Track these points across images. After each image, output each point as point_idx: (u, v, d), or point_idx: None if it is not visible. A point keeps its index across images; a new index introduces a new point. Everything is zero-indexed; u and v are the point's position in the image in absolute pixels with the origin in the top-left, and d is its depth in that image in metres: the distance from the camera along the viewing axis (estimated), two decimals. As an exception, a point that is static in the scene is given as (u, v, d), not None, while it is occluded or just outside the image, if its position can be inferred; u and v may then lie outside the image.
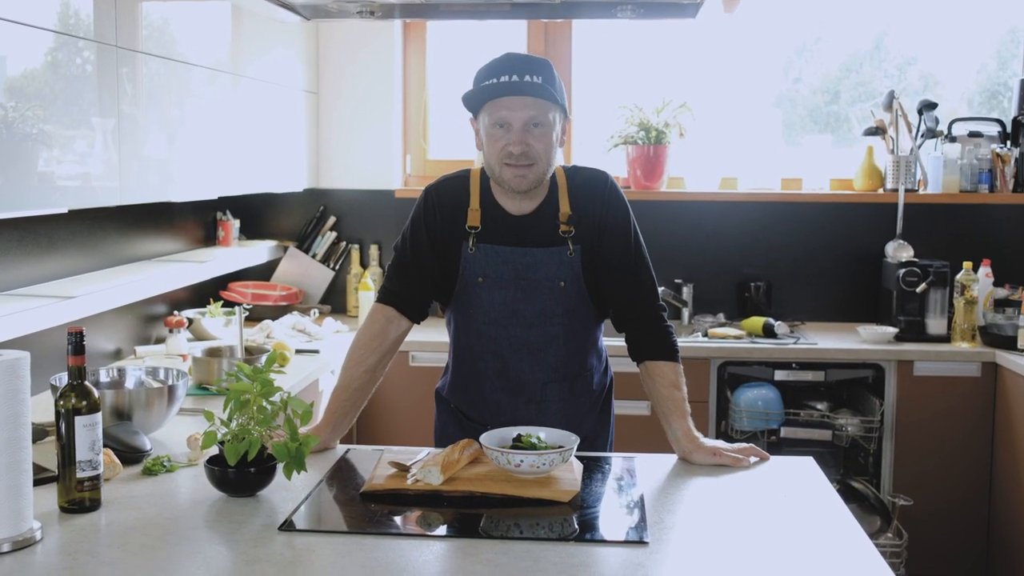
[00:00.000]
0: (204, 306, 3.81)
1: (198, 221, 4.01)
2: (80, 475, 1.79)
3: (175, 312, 3.58)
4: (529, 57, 2.19)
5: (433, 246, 2.29)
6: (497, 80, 2.13)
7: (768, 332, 3.86)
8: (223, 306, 3.83)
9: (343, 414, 2.26)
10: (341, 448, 2.25)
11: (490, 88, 2.14)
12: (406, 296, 2.31)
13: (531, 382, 2.30)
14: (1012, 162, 4.15)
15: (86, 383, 1.81)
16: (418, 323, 2.35)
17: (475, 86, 2.18)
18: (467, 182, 2.31)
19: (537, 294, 2.25)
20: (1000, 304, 3.83)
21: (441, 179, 2.36)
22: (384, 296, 2.33)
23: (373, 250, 4.35)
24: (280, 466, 1.90)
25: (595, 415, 2.41)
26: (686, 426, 2.19)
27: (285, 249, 4.38)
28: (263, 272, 4.34)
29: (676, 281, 4.23)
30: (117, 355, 3.31)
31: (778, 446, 3.73)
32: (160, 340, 3.55)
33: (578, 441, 2.01)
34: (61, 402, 1.79)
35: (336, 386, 2.29)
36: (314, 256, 4.37)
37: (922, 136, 4.14)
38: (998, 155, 4.15)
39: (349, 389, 2.26)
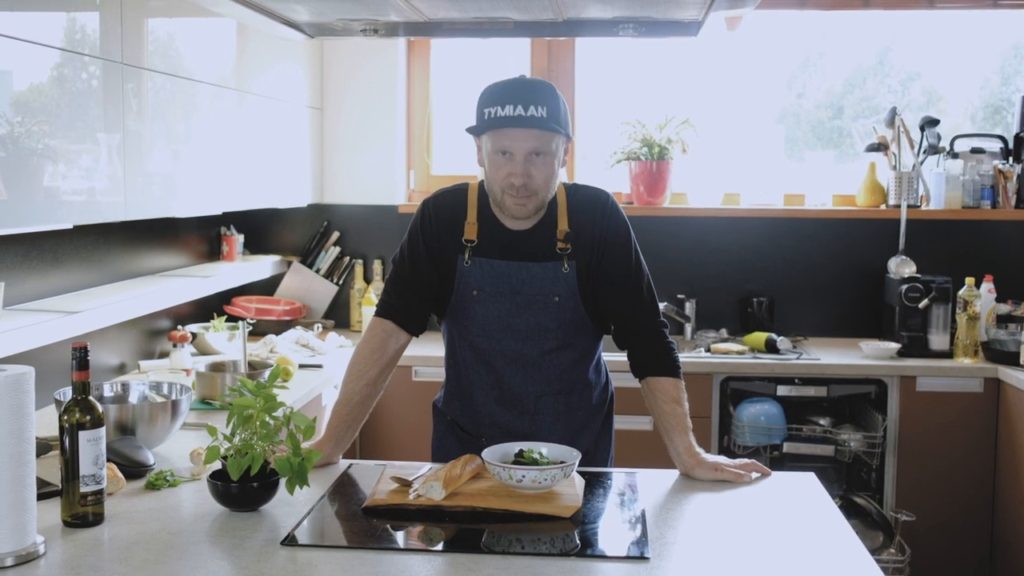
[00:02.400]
0: (208, 321, 3.82)
1: (202, 236, 4.02)
2: (83, 489, 1.80)
3: (179, 327, 3.59)
4: (533, 84, 2.18)
5: (431, 258, 2.30)
6: (501, 109, 2.12)
7: (771, 347, 3.87)
8: (227, 321, 3.84)
9: (345, 428, 2.26)
10: (344, 463, 2.26)
11: (493, 120, 2.13)
12: (404, 309, 2.31)
13: (524, 395, 2.31)
14: (1014, 178, 4.15)
15: (90, 398, 1.82)
16: (417, 336, 2.36)
17: (479, 108, 2.18)
18: (465, 195, 2.32)
19: (531, 308, 2.26)
20: (1002, 320, 3.83)
21: (439, 192, 2.37)
22: (383, 310, 2.33)
23: (377, 265, 4.36)
24: (283, 481, 1.91)
25: (595, 430, 2.41)
26: (687, 441, 2.19)
27: (289, 264, 4.40)
28: (267, 287, 4.35)
29: (679, 296, 4.24)
30: (121, 369, 3.32)
31: (781, 461, 3.73)
32: (164, 355, 3.56)
33: (580, 457, 2.02)
34: (65, 417, 1.80)
35: (337, 401, 2.30)
36: (318, 271, 4.38)
37: (924, 152, 4.15)
38: (1000, 171, 4.16)
39: (350, 403, 2.27)
